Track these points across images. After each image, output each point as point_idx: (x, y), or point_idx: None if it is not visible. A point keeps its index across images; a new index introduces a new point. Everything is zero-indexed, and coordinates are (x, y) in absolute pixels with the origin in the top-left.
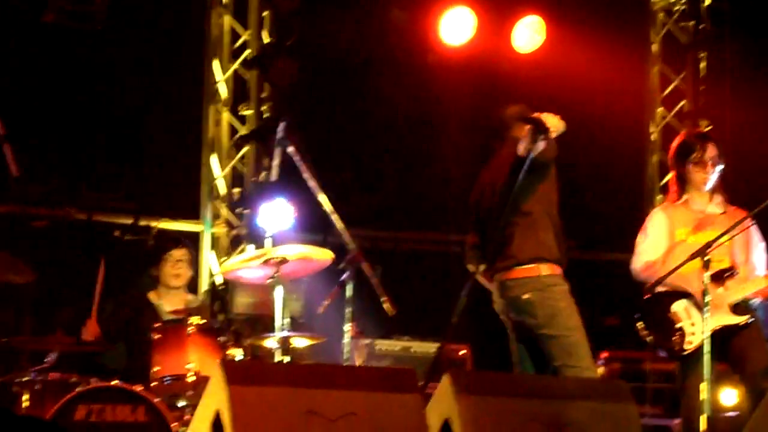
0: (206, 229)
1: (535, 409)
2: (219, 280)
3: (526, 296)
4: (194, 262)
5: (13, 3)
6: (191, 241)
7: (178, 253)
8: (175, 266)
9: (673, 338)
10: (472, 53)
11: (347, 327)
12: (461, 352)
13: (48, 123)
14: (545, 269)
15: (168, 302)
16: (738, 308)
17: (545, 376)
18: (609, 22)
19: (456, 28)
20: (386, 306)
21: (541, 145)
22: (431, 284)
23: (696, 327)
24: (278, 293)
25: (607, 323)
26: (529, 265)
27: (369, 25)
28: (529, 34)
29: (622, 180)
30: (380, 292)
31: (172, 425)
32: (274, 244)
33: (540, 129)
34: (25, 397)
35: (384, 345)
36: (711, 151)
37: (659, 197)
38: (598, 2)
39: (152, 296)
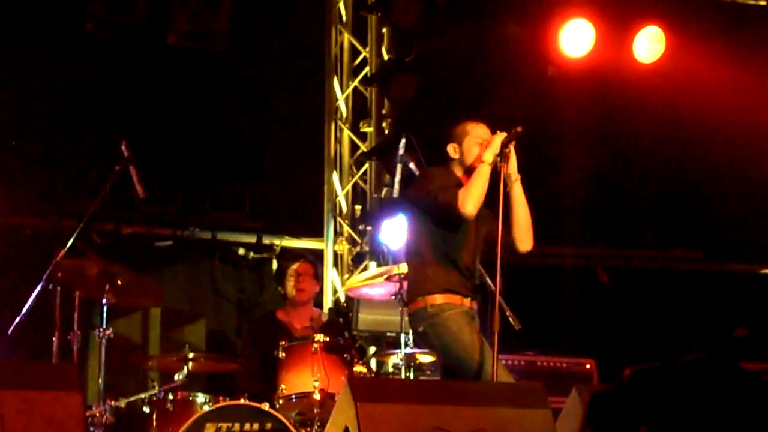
0: (329, 247)
1: None
2: (342, 297)
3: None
4: (321, 278)
5: (135, 26)
6: (316, 258)
7: (300, 268)
8: (298, 281)
9: None
10: (592, 65)
11: None
12: (587, 366)
13: (171, 144)
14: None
15: (296, 319)
16: None
17: None
18: (730, 29)
19: (575, 41)
20: (511, 321)
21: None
22: (554, 298)
23: None
24: (402, 309)
25: (736, 334)
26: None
27: (487, 39)
28: (649, 44)
29: (749, 190)
30: (505, 307)
31: None
32: (397, 261)
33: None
34: (154, 415)
35: (509, 360)
36: None
37: None
38: (719, 9)
39: (280, 314)
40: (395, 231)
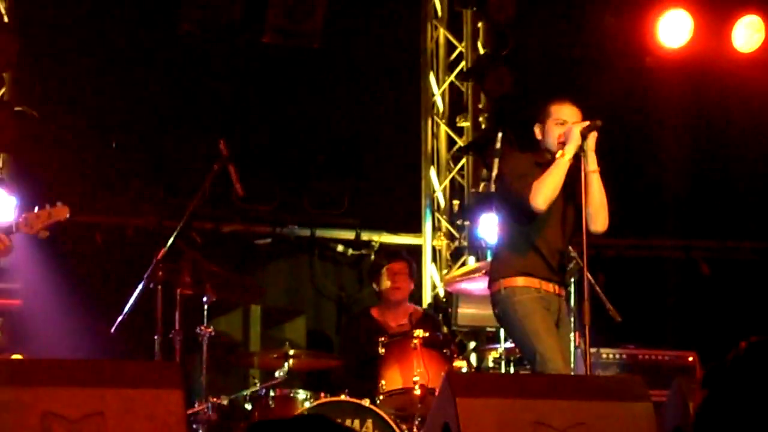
0: (427, 242)
1: None
2: (441, 292)
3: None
4: (416, 275)
5: (232, 25)
6: (412, 254)
7: (396, 266)
8: (394, 280)
9: None
10: (690, 55)
11: (572, 336)
12: (689, 359)
13: (269, 142)
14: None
15: (391, 317)
16: None
17: None
18: None
19: (673, 31)
20: (611, 314)
21: None
22: (654, 291)
23: None
24: None
25: None
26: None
27: (584, 31)
28: (748, 33)
29: None
30: (605, 300)
31: None
32: None
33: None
34: (256, 412)
35: (609, 353)
36: None
37: None
38: None
39: (375, 312)
40: (493, 225)
